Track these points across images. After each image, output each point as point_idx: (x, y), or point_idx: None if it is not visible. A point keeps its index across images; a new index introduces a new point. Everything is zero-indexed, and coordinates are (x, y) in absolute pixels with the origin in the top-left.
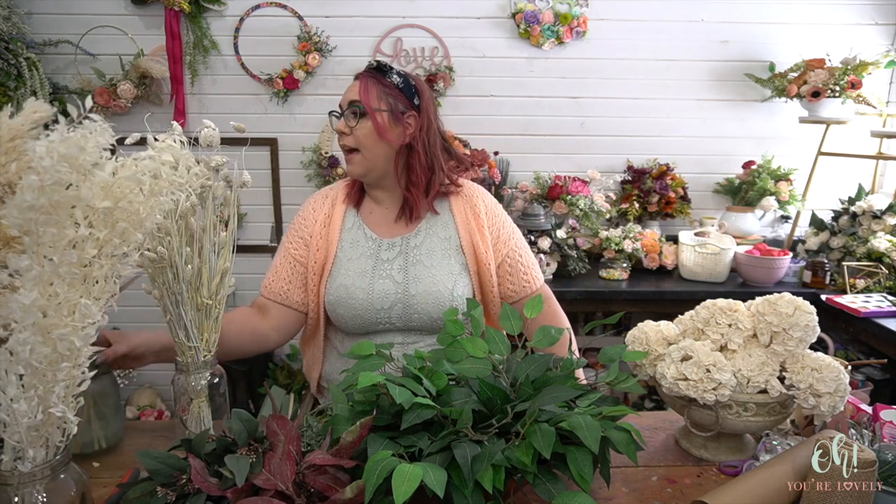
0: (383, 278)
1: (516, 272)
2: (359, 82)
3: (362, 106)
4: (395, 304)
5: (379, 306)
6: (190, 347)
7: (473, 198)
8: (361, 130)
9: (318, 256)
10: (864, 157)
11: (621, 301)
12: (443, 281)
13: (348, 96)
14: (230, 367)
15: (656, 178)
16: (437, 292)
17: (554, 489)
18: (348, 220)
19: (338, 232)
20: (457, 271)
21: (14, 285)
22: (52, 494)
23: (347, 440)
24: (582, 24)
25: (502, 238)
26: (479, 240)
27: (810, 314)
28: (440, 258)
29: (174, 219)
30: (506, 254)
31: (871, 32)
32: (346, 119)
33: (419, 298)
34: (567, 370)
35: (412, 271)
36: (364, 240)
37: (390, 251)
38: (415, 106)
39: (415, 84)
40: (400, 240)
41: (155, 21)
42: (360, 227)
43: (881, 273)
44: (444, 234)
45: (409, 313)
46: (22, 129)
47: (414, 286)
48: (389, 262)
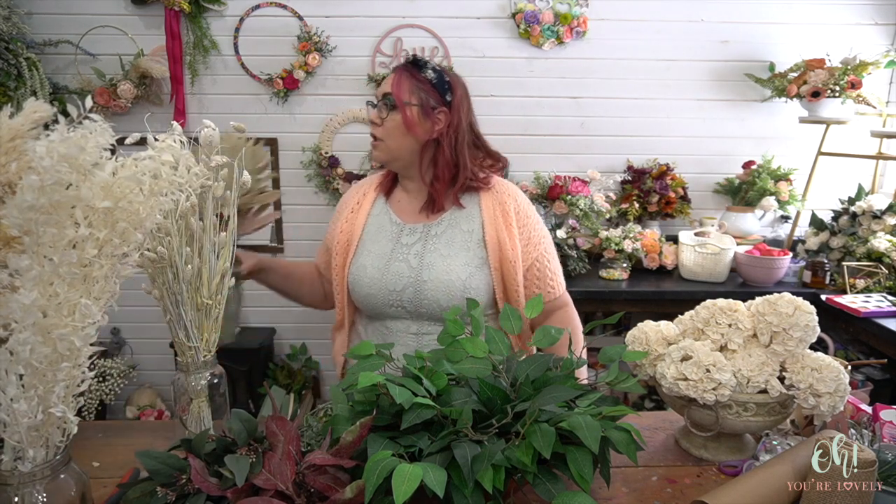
0: (399, 261)
1: (543, 277)
2: (394, 75)
3: (393, 99)
4: (406, 288)
5: (391, 288)
6: (190, 347)
7: (504, 195)
8: (391, 123)
9: (342, 238)
10: (864, 157)
11: (621, 301)
12: (456, 271)
13: (383, 88)
14: (230, 367)
15: (656, 178)
16: (449, 281)
17: (554, 489)
18: (377, 207)
19: (365, 216)
20: (475, 264)
21: (14, 285)
22: (52, 494)
23: (347, 440)
24: (582, 24)
25: (533, 241)
26: (505, 237)
27: (810, 314)
28: (458, 249)
29: (174, 219)
30: (535, 258)
31: (871, 32)
32: (378, 110)
33: (430, 285)
34: (567, 370)
35: (427, 258)
36: (388, 224)
37: (411, 236)
38: (446, 102)
39: (449, 80)
40: (422, 226)
41: (155, 21)
42: (387, 212)
43: (881, 273)
44: (468, 226)
45: (420, 299)
46: (22, 129)
47: (427, 272)
48: (408, 247)
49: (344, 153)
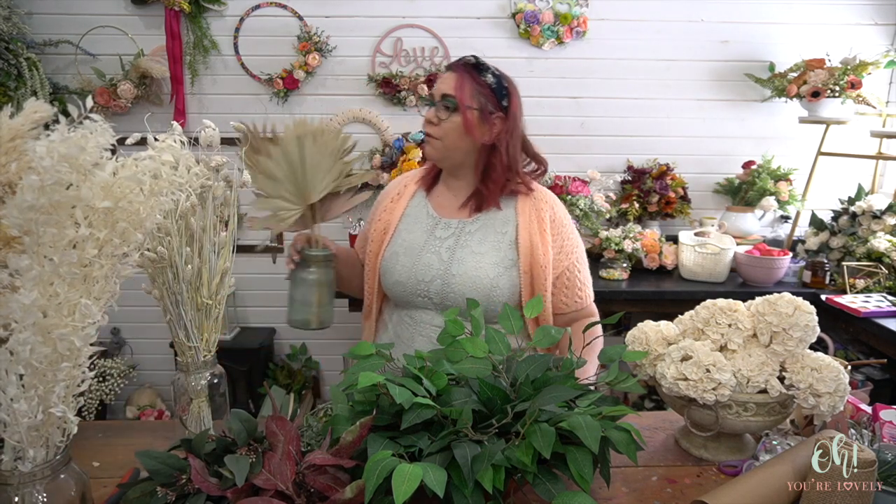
0: (431, 253)
1: (572, 286)
2: (455, 76)
3: (455, 101)
4: (434, 279)
5: (420, 278)
6: (190, 347)
7: (542, 202)
8: (450, 124)
9: (378, 227)
10: (864, 157)
11: (621, 301)
12: (485, 269)
13: (442, 88)
14: (230, 367)
15: (656, 178)
16: (478, 278)
17: (554, 489)
18: (416, 199)
19: (403, 207)
20: (504, 265)
21: (14, 285)
22: (52, 494)
23: (347, 440)
24: (582, 24)
25: (565, 250)
26: (538, 241)
27: (810, 314)
28: (490, 248)
29: (174, 219)
30: (566, 266)
31: (871, 32)
32: (437, 110)
33: (458, 279)
34: (567, 370)
35: (459, 253)
36: (425, 217)
37: (445, 230)
38: (503, 108)
39: (507, 86)
40: (457, 222)
41: (155, 21)
42: (425, 205)
43: (881, 273)
44: (502, 228)
45: (447, 292)
46: (22, 129)
47: (456, 267)
48: (441, 241)
49: None
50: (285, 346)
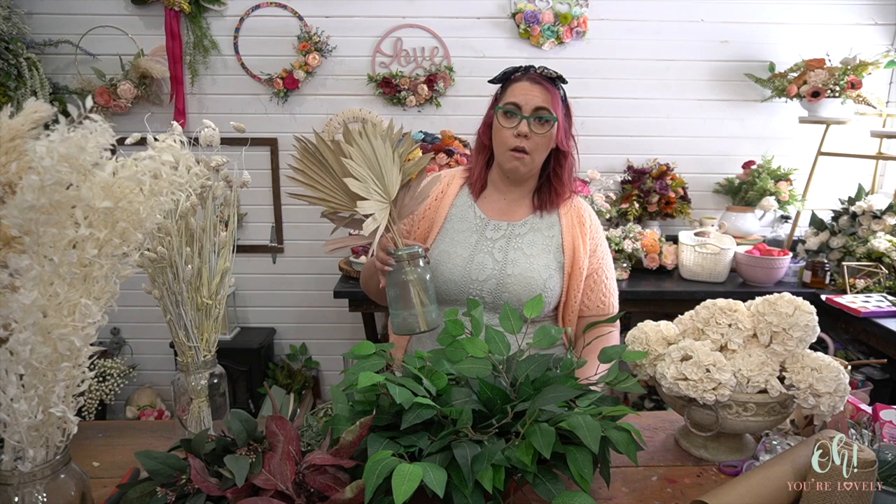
0: (484, 253)
1: (598, 289)
2: (543, 89)
3: (553, 116)
4: (489, 279)
5: (475, 276)
6: (190, 347)
7: (581, 208)
8: (542, 138)
9: (423, 225)
10: (864, 157)
11: (621, 301)
12: (538, 271)
13: (533, 101)
14: (230, 367)
15: (656, 178)
16: (532, 279)
17: (554, 489)
18: (461, 199)
19: (448, 207)
20: (553, 267)
21: (14, 285)
22: (52, 494)
23: (347, 440)
24: (582, 24)
25: (597, 254)
26: (580, 244)
27: (810, 314)
28: (540, 251)
29: (174, 219)
30: (595, 269)
31: (871, 32)
32: (531, 124)
33: (514, 280)
34: (567, 370)
35: (512, 255)
36: (473, 217)
37: (495, 232)
38: (570, 115)
39: (565, 96)
40: (506, 225)
41: (155, 21)
42: (472, 206)
43: (881, 273)
44: (549, 232)
45: (501, 291)
46: (22, 129)
47: (511, 267)
48: (492, 242)
49: None
50: (285, 346)
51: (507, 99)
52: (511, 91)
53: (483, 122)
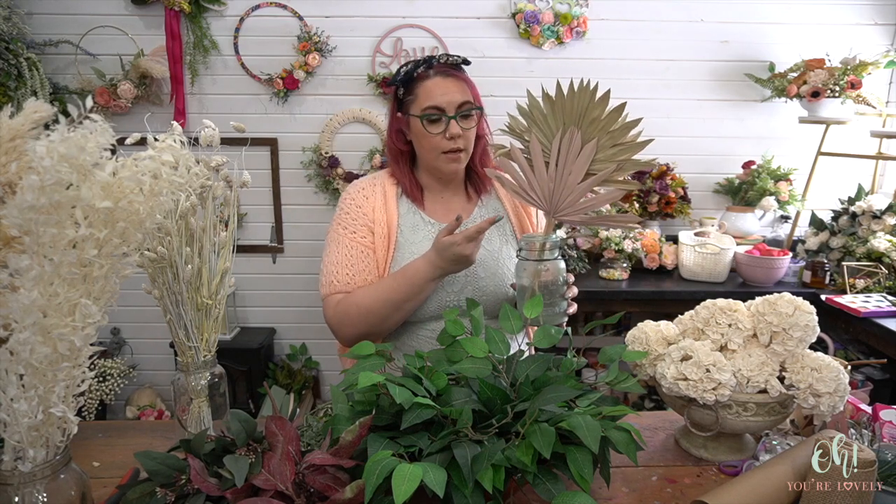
0: None
1: None
2: (456, 80)
3: (478, 106)
4: (465, 287)
5: (450, 289)
6: (190, 347)
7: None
8: (472, 131)
9: (384, 243)
10: (864, 157)
11: (621, 301)
12: (505, 264)
13: (454, 99)
14: (230, 367)
15: (656, 178)
16: (502, 275)
17: (554, 489)
18: (402, 206)
19: (395, 217)
20: (514, 254)
21: (14, 285)
22: (52, 494)
23: (347, 440)
24: (582, 24)
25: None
26: (527, 224)
27: (810, 314)
28: (499, 243)
29: (174, 219)
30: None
31: (871, 32)
32: (461, 122)
33: (487, 281)
34: (567, 370)
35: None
36: (423, 224)
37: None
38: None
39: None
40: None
41: (155, 21)
42: (416, 211)
43: (881, 273)
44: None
45: (478, 296)
46: (22, 129)
47: (481, 269)
48: None
49: (344, 153)
50: (285, 346)
51: (424, 103)
52: (424, 92)
53: (391, 129)
